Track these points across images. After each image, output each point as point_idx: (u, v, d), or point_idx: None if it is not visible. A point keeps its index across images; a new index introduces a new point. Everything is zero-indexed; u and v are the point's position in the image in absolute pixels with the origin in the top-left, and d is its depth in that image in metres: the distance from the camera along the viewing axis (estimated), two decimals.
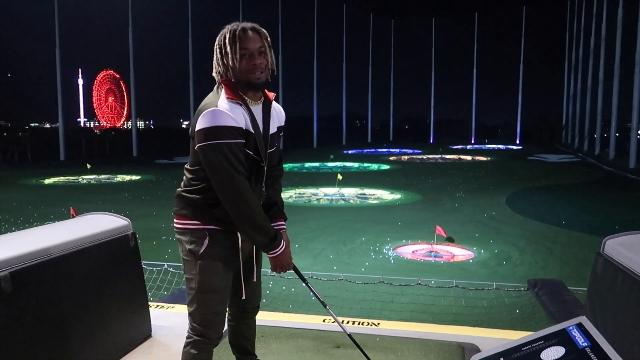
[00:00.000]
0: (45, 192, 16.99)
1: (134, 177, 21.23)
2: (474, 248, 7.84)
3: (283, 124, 2.20)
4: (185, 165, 2.08)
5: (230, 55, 1.96)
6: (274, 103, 2.16)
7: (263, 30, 2.03)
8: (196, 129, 1.90)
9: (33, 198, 15.45)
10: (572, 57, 33.75)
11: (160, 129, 43.90)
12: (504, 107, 43.18)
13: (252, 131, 1.97)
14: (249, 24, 2.00)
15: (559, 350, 2.32)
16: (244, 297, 2.11)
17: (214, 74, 2.06)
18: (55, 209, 13.05)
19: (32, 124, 44.57)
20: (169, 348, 2.94)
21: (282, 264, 2.04)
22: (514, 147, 35.13)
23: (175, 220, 2.05)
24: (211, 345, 2.02)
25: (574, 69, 32.58)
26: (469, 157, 27.56)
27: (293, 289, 5.29)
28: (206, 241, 1.95)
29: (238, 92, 2.00)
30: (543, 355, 2.36)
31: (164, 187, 18.14)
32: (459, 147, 35.29)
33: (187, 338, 2.02)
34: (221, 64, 2.02)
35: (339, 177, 14.87)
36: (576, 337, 2.33)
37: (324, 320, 3.33)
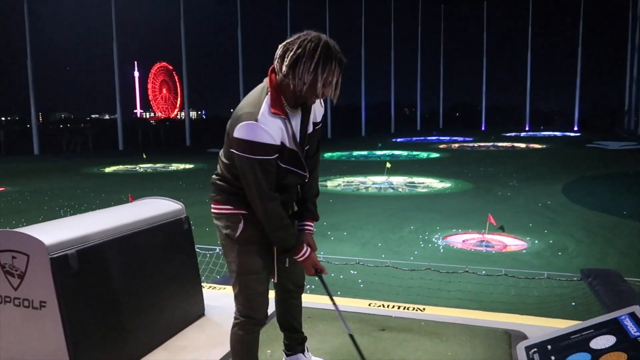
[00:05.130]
0: (105, 180, 17.90)
1: (188, 166, 21.95)
2: (528, 238, 7.62)
3: (319, 119, 2.16)
4: (220, 155, 2.12)
5: (311, 75, 1.84)
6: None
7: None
8: (234, 135, 1.87)
9: (95, 186, 16.30)
10: (636, 37, 31.66)
11: (211, 119, 45.10)
12: (560, 92, 41.27)
13: (288, 145, 1.97)
14: (342, 56, 1.89)
15: (610, 339, 2.26)
16: (275, 280, 2.19)
17: (275, 64, 1.93)
18: (114, 196, 13.71)
19: (93, 116, 47.00)
20: (221, 326, 3.09)
21: (308, 268, 2.11)
22: (572, 134, 33.53)
23: (212, 205, 2.13)
24: (257, 325, 2.11)
25: (638, 50, 30.57)
26: (522, 145, 26.58)
27: (341, 276, 5.37)
28: (241, 225, 2.02)
29: (283, 104, 1.94)
30: (592, 343, 2.31)
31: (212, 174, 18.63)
32: (512, 134, 34.09)
33: (235, 319, 2.12)
34: (291, 70, 1.86)
35: (388, 165, 14.77)
36: (628, 327, 2.27)
37: (369, 304, 3.38)
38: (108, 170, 21.05)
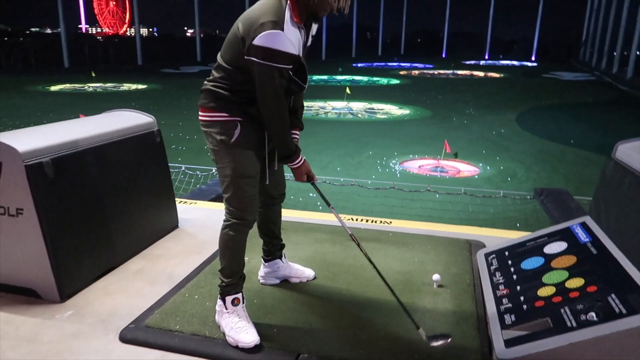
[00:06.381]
0: (52, 99, 16.94)
1: (140, 86, 21.00)
2: (480, 164, 7.96)
3: (315, 32, 2.21)
4: (219, 62, 2.08)
5: None
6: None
7: None
8: (253, 42, 1.87)
9: (41, 105, 15.44)
10: None
11: (164, 37, 42.63)
12: (521, 20, 41.37)
13: (300, 55, 2.03)
14: None
15: (562, 245, 2.50)
16: (267, 183, 2.26)
17: None
18: (64, 117, 13.04)
19: (33, 29, 43.31)
20: (195, 237, 3.16)
21: (301, 174, 2.20)
22: (529, 64, 34.15)
23: (201, 113, 2.11)
24: (247, 227, 2.19)
25: None
26: (481, 74, 26.93)
27: (311, 194, 5.49)
28: (237, 131, 2.05)
29: (304, 16, 1.99)
30: (546, 249, 2.54)
31: (170, 96, 18.02)
32: (472, 62, 34.35)
33: (225, 221, 2.18)
34: None
35: (348, 90, 14.69)
36: (579, 234, 2.50)
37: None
38: (54, 88, 19.84)
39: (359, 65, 31.91)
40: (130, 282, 2.55)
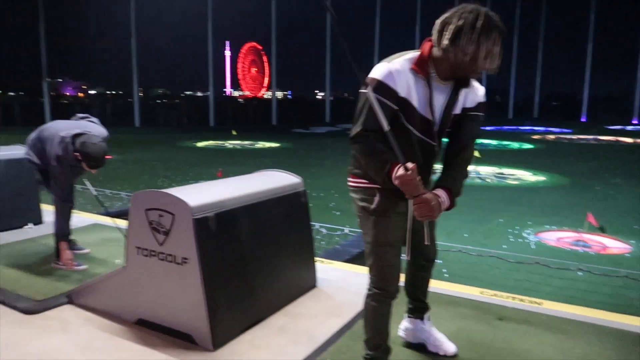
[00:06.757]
0: (197, 154, 18.87)
1: (273, 145, 22.53)
2: (632, 241, 7.01)
3: (474, 105, 2.09)
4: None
5: (473, 46, 1.81)
6: (473, 83, 2.08)
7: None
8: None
9: (189, 158, 17.24)
10: None
11: (297, 100, 45.89)
12: None
13: (418, 108, 1.95)
14: (502, 26, 1.86)
15: None
16: (408, 257, 2.21)
17: (433, 38, 1.93)
18: (206, 170, 14.41)
19: (187, 92, 49.56)
20: (333, 298, 3.17)
21: (421, 213, 1.97)
22: None
23: (349, 178, 2.18)
24: (389, 298, 2.13)
25: None
26: (629, 140, 24.40)
27: (441, 261, 5.28)
28: (376, 198, 2.05)
29: (428, 69, 1.94)
30: None
31: (300, 155, 19.01)
32: (617, 127, 31.39)
33: (368, 291, 2.16)
34: (452, 43, 1.84)
35: (477, 154, 14.20)
36: None
37: (481, 292, 3.29)
38: (200, 144, 22.15)
39: (487, 128, 30.93)
40: (274, 338, 2.61)
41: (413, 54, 2.00)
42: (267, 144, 22.46)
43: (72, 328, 2.71)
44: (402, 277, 2.26)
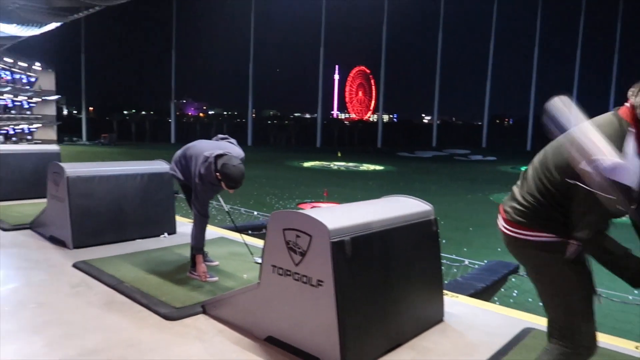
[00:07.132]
0: (304, 173, 19.42)
1: (377, 167, 22.48)
2: None
3: None
4: (535, 178, 1.97)
5: None
6: None
7: None
8: (585, 168, 1.74)
9: (295, 177, 17.78)
10: None
11: (403, 123, 45.64)
12: None
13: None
14: None
15: None
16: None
17: (634, 101, 1.82)
18: (312, 189, 14.68)
19: (296, 114, 51.63)
20: (463, 336, 2.98)
21: None
22: None
23: (516, 230, 1.98)
24: (584, 356, 1.91)
25: None
26: None
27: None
28: (571, 248, 1.88)
29: None
30: None
31: (404, 178, 18.74)
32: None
33: (565, 348, 1.94)
34: None
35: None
36: None
37: (636, 347, 2.89)
38: (306, 164, 22.80)
39: None
40: None
41: (626, 128, 1.80)
42: (372, 167, 22.47)
43: (207, 338, 2.83)
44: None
